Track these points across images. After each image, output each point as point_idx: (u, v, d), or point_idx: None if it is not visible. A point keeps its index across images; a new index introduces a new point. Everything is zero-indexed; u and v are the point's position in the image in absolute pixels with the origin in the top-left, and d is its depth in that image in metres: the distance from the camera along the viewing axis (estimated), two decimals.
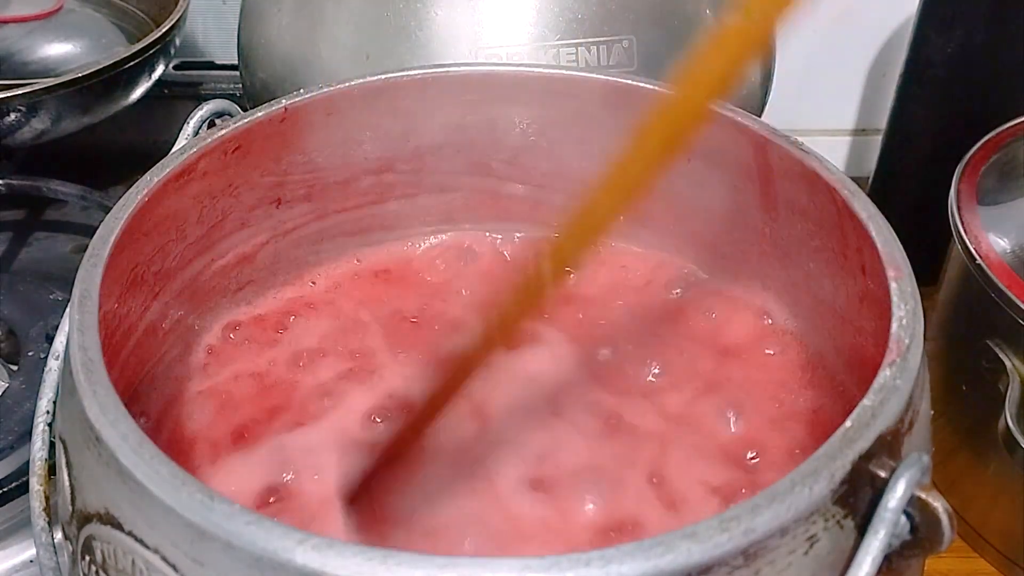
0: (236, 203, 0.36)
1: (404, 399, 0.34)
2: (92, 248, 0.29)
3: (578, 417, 0.33)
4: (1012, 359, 0.44)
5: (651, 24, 0.45)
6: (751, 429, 0.33)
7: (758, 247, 0.37)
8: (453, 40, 0.43)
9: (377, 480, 0.30)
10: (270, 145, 0.36)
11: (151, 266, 0.33)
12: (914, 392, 0.25)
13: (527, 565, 0.20)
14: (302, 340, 0.37)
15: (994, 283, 0.43)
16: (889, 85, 0.66)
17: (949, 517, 0.22)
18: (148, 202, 0.31)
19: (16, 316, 0.51)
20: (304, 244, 0.40)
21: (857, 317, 0.32)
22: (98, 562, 0.24)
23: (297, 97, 0.36)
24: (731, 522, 0.20)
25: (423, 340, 0.37)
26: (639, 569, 0.20)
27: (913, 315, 0.26)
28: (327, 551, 0.20)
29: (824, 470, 0.22)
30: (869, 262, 0.30)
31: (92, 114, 0.62)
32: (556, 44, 0.43)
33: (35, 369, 0.48)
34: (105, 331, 0.28)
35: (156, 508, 0.22)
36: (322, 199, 0.39)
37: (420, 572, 0.20)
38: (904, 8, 0.65)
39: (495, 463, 0.31)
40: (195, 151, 0.33)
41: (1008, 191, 0.49)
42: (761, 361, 0.36)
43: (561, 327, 0.38)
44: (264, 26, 0.48)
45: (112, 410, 0.24)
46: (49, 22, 0.71)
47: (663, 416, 0.34)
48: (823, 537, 0.22)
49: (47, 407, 0.32)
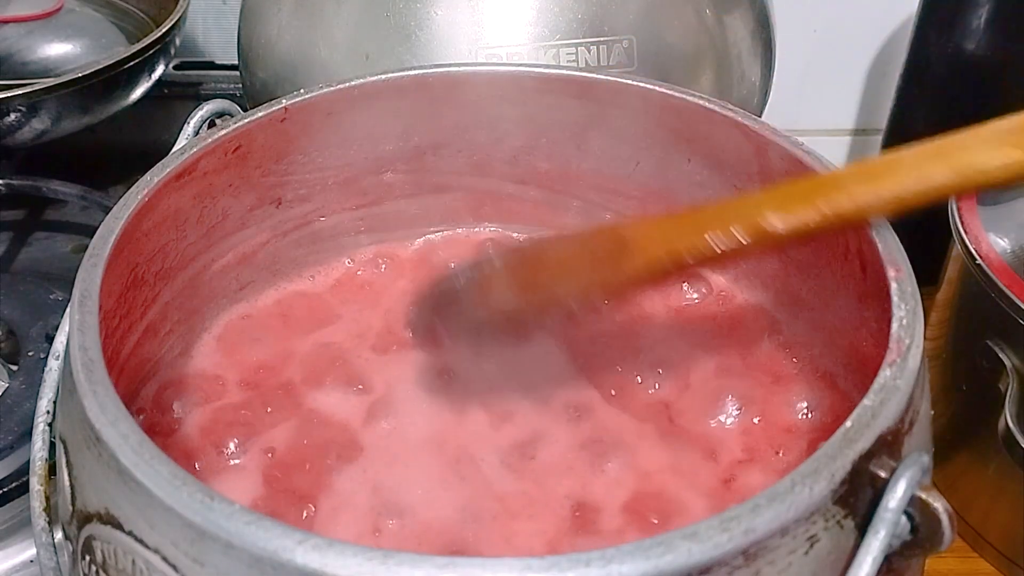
0: (236, 203, 0.36)
1: (400, 400, 0.35)
2: (92, 248, 0.29)
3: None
4: (1012, 359, 0.44)
5: (651, 24, 0.45)
6: (751, 429, 0.33)
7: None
8: (453, 40, 0.43)
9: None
10: (270, 145, 0.36)
11: (151, 266, 0.33)
12: (914, 392, 0.25)
13: (527, 565, 0.20)
14: (302, 339, 0.37)
15: (994, 283, 0.43)
16: (889, 85, 0.66)
17: (949, 517, 0.22)
18: (148, 202, 0.31)
19: (16, 316, 0.51)
20: (304, 244, 0.40)
21: (857, 317, 0.32)
22: (98, 562, 0.24)
23: (297, 97, 0.36)
24: (731, 522, 0.20)
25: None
26: (639, 569, 0.20)
27: (913, 315, 0.26)
28: (327, 551, 0.20)
29: (824, 470, 0.22)
30: (869, 262, 0.30)
31: (92, 114, 0.63)
32: (556, 44, 0.43)
33: (35, 369, 0.48)
34: (105, 331, 0.28)
35: (156, 508, 0.22)
36: (322, 199, 0.39)
37: (420, 572, 0.20)
38: (904, 8, 0.65)
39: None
40: (195, 151, 0.33)
41: (1008, 191, 0.49)
42: (761, 360, 0.36)
43: (560, 327, 0.38)
44: (264, 26, 0.48)
45: (112, 410, 0.24)
46: (49, 22, 0.71)
47: (660, 414, 0.34)
48: (823, 537, 0.22)
49: (47, 407, 0.32)
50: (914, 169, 0.27)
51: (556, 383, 0.35)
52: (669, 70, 0.45)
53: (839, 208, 0.27)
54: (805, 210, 0.27)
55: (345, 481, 0.31)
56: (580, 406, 0.34)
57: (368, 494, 0.31)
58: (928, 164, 0.27)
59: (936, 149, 0.27)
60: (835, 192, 0.28)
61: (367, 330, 0.38)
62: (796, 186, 0.29)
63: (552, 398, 0.34)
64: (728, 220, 0.28)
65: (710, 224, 0.28)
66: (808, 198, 0.28)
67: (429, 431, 0.33)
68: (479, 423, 0.33)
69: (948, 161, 0.27)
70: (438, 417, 0.34)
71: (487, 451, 0.32)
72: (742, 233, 0.28)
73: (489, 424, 0.33)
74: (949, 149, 0.27)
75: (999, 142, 0.26)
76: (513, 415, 0.34)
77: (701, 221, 0.29)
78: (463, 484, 0.31)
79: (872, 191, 0.27)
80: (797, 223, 0.28)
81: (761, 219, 0.28)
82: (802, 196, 0.28)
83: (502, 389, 0.35)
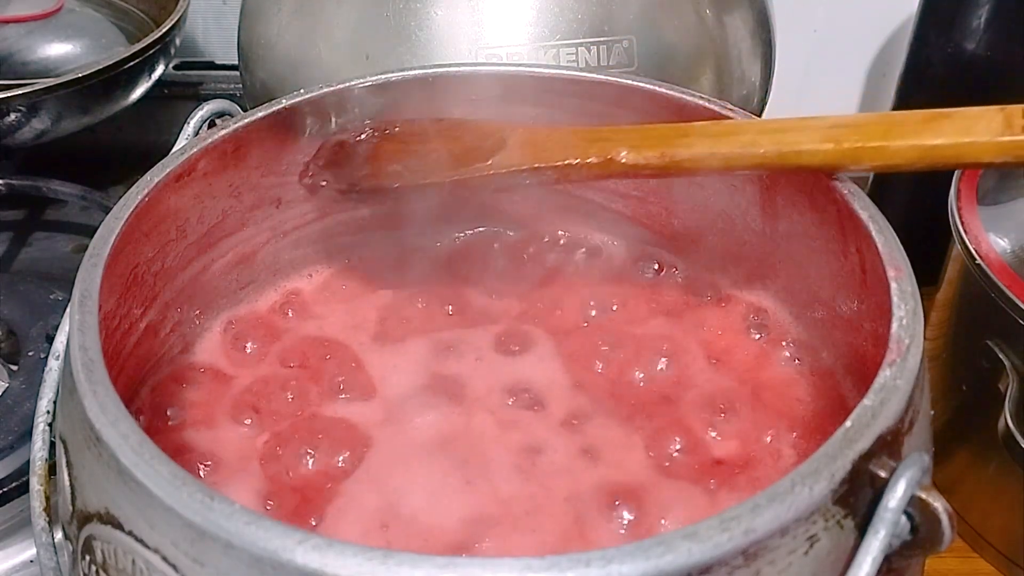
0: (236, 203, 0.36)
1: (404, 397, 0.35)
2: (92, 248, 0.29)
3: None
4: (1012, 359, 0.44)
5: (651, 24, 0.44)
6: (749, 428, 0.33)
7: (758, 247, 0.37)
8: (453, 40, 0.43)
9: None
10: (270, 145, 0.36)
11: (151, 266, 0.33)
12: (914, 392, 0.25)
13: (527, 565, 0.20)
14: (303, 339, 0.37)
15: (994, 283, 0.43)
16: (889, 85, 0.66)
17: (949, 517, 0.22)
18: (148, 202, 0.31)
19: (16, 316, 0.51)
20: (304, 244, 0.40)
21: (857, 317, 0.32)
22: (98, 562, 0.24)
23: (297, 97, 0.36)
24: (731, 522, 0.20)
25: (425, 338, 0.37)
26: (639, 569, 0.20)
27: (913, 315, 0.26)
28: (327, 551, 0.20)
29: (824, 470, 0.22)
30: (869, 262, 0.30)
31: (92, 114, 0.63)
32: (556, 44, 0.43)
33: (35, 369, 0.48)
34: (105, 331, 0.28)
35: (156, 508, 0.22)
36: (322, 199, 0.39)
37: (420, 572, 0.20)
38: (904, 8, 0.65)
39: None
40: (195, 151, 0.33)
41: (1008, 191, 0.49)
42: (760, 360, 0.36)
43: (559, 328, 0.38)
44: (264, 26, 0.48)
45: (112, 410, 0.24)
46: (49, 22, 0.71)
47: (658, 413, 0.34)
48: (823, 537, 0.22)
49: (47, 407, 0.32)
50: (746, 136, 0.31)
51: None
52: (669, 70, 0.45)
53: (676, 156, 0.32)
54: (652, 151, 0.32)
55: (350, 480, 0.31)
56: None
57: (374, 493, 0.31)
58: (761, 136, 0.31)
59: (775, 125, 0.31)
60: (679, 140, 0.32)
61: (367, 329, 0.38)
62: (650, 130, 0.33)
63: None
64: (588, 147, 0.33)
65: (574, 147, 0.33)
66: (656, 142, 0.32)
67: (434, 427, 0.33)
68: (486, 424, 0.33)
69: (775, 137, 0.31)
70: (442, 412, 0.34)
71: (495, 449, 0.32)
72: (595, 160, 0.33)
73: (496, 425, 0.33)
74: (783, 128, 0.31)
75: (822, 133, 0.30)
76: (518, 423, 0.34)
77: (568, 142, 0.34)
78: (469, 486, 0.31)
79: (708, 147, 0.31)
80: (641, 160, 0.32)
81: (614, 152, 0.32)
82: (653, 139, 0.32)
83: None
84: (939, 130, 0.28)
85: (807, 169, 0.31)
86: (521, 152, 0.34)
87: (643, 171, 0.33)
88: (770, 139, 0.31)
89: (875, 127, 0.29)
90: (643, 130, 0.34)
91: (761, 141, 0.31)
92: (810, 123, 0.30)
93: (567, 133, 0.35)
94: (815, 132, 0.30)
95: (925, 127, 0.29)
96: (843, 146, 0.29)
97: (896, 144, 0.29)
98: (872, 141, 0.29)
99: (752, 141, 0.31)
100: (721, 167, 0.31)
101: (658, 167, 0.32)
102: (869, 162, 0.29)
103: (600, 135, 0.34)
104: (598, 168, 0.33)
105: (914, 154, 0.29)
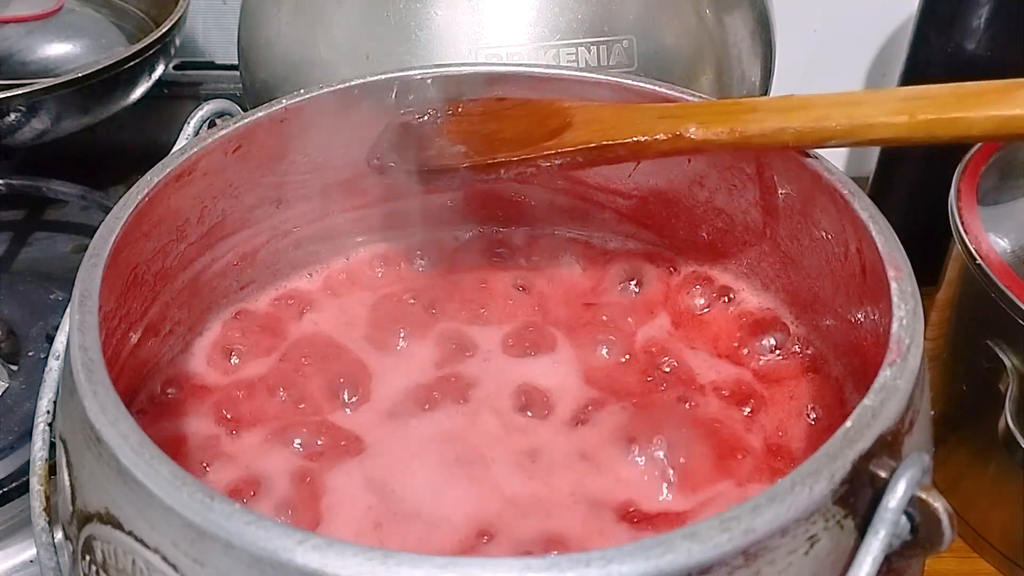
0: (236, 203, 0.36)
1: (403, 399, 0.35)
2: (92, 248, 0.29)
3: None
4: (1012, 359, 0.44)
5: (651, 24, 0.44)
6: (749, 428, 0.33)
7: (758, 247, 0.37)
8: (453, 40, 0.43)
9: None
10: (270, 145, 0.36)
11: (151, 266, 0.33)
12: (914, 392, 0.25)
13: (527, 565, 0.20)
14: (303, 339, 0.37)
15: (994, 283, 0.43)
16: (889, 85, 0.66)
17: (949, 517, 0.22)
18: (148, 202, 0.31)
19: (16, 316, 0.51)
20: (304, 244, 0.40)
21: (857, 317, 0.32)
22: (98, 562, 0.24)
23: (297, 97, 0.36)
24: (731, 522, 0.20)
25: (427, 338, 0.37)
26: (639, 569, 0.20)
27: (913, 315, 0.26)
28: (327, 551, 0.20)
29: (824, 470, 0.22)
30: (869, 262, 0.30)
31: (92, 114, 0.63)
32: (556, 44, 0.43)
33: (35, 369, 0.48)
34: (105, 331, 0.28)
35: (156, 508, 0.22)
36: (322, 199, 0.39)
37: (420, 572, 0.20)
38: (904, 8, 0.65)
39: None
40: (195, 151, 0.33)
41: (1008, 191, 0.49)
42: (760, 360, 0.36)
43: (562, 328, 0.38)
44: (264, 26, 0.48)
45: (112, 410, 0.24)
46: (49, 22, 0.71)
47: (657, 412, 0.34)
48: (823, 537, 0.22)
49: (47, 407, 0.32)
50: (816, 110, 0.30)
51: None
52: (669, 70, 0.45)
53: (747, 131, 0.31)
54: (721, 127, 0.31)
55: (346, 477, 0.31)
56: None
57: (372, 490, 0.31)
58: (831, 110, 0.30)
59: (845, 98, 0.30)
60: (748, 115, 0.31)
61: (368, 329, 0.38)
62: (718, 105, 0.33)
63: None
64: (656, 124, 0.32)
65: (642, 124, 0.33)
66: (726, 118, 0.32)
67: (431, 426, 0.33)
68: (490, 425, 0.33)
69: (846, 110, 0.30)
70: (439, 411, 0.34)
71: (495, 447, 0.32)
72: (663, 137, 0.32)
73: (500, 425, 0.33)
74: (854, 101, 0.30)
75: (895, 105, 0.29)
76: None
77: (635, 119, 0.33)
78: (471, 480, 0.31)
79: (779, 122, 0.30)
80: (711, 136, 0.31)
81: (683, 128, 0.32)
82: (722, 114, 0.32)
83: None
84: (1017, 100, 0.28)
85: (877, 143, 0.30)
86: (588, 130, 0.34)
87: (712, 147, 0.32)
88: (842, 112, 0.30)
89: (950, 98, 0.29)
90: (712, 105, 0.34)
91: (832, 115, 0.30)
92: (882, 95, 0.30)
93: (634, 110, 0.34)
94: (888, 104, 0.29)
95: (1003, 97, 0.28)
96: (918, 118, 0.28)
97: (973, 115, 0.28)
98: (949, 112, 0.28)
99: (823, 115, 0.30)
100: (793, 142, 0.31)
101: (728, 142, 0.31)
102: (944, 134, 0.28)
103: (668, 111, 0.33)
104: (667, 144, 0.32)
105: (992, 125, 0.28)
